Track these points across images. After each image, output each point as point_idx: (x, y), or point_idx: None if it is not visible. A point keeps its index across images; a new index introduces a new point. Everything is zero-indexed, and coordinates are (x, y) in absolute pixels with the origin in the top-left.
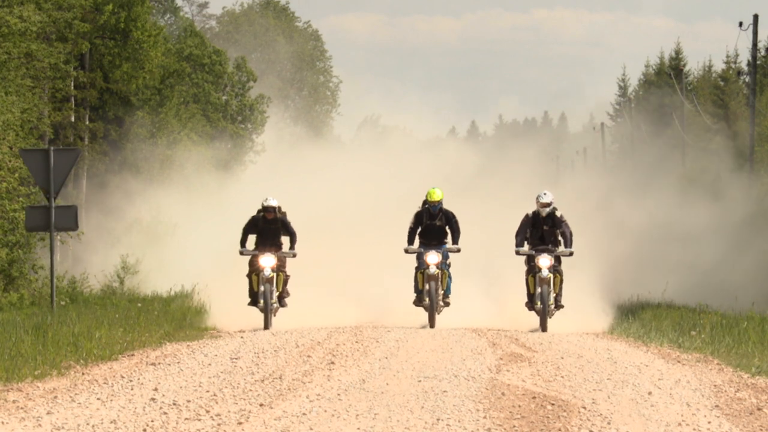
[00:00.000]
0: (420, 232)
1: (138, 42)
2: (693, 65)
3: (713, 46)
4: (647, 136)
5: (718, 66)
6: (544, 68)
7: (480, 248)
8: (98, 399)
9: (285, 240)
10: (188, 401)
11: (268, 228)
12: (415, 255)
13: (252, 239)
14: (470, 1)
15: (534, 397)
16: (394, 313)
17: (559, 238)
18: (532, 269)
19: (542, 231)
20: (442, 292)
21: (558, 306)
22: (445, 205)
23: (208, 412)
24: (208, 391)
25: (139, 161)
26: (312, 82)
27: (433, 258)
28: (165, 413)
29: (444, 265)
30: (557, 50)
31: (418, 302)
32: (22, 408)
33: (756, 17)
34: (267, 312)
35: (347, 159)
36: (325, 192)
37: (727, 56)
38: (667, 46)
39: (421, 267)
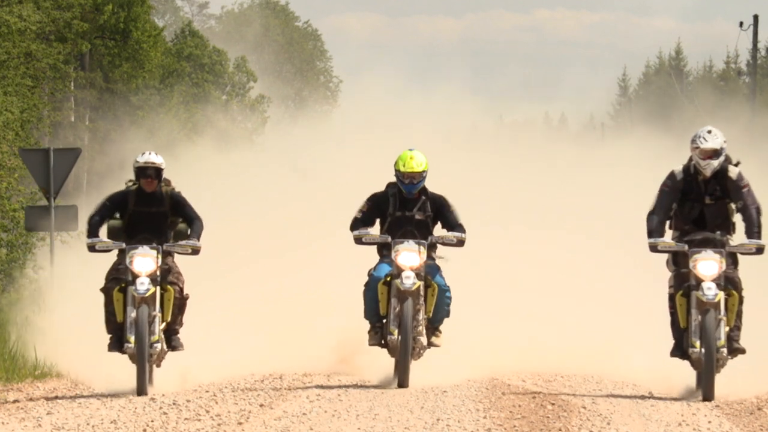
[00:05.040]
0: (385, 230)
1: (138, 42)
2: (693, 65)
3: (713, 46)
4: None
5: (718, 66)
6: (545, 68)
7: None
8: (98, 399)
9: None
10: (188, 401)
11: (145, 214)
12: (375, 249)
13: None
14: (471, 2)
15: (534, 397)
16: (347, 356)
17: (732, 218)
18: (684, 280)
19: (702, 206)
20: (426, 319)
21: (734, 350)
22: (436, 183)
23: (208, 412)
24: (207, 391)
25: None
26: (312, 82)
27: (409, 257)
28: (165, 413)
29: (432, 272)
30: (558, 50)
31: (375, 339)
32: (22, 408)
33: (756, 17)
34: (142, 361)
35: (344, 157)
36: (312, 189)
37: (727, 56)
38: (667, 46)
39: (381, 273)
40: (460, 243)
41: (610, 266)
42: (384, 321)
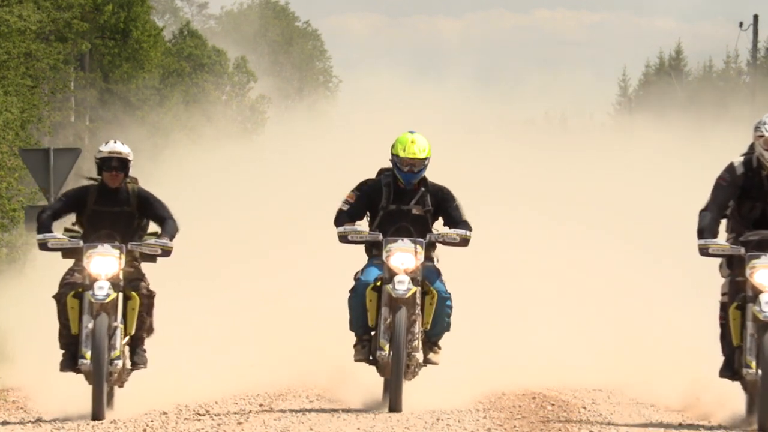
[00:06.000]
0: (375, 226)
1: (138, 42)
2: (693, 65)
3: (713, 46)
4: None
5: (718, 66)
6: (545, 68)
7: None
8: None
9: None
10: (188, 401)
11: (107, 214)
12: (364, 249)
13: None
14: (471, 2)
15: (534, 397)
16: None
17: None
18: (739, 289)
19: (765, 205)
20: (422, 332)
21: None
22: (438, 173)
23: (208, 412)
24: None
25: (140, 160)
26: (311, 81)
27: (403, 258)
28: (165, 413)
29: (430, 276)
30: (558, 50)
31: (362, 354)
32: (22, 408)
33: (756, 17)
34: (99, 379)
35: (342, 155)
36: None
37: (727, 56)
38: (667, 46)
39: (370, 277)
40: (464, 242)
41: (609, 266)
42: (373, 333)
